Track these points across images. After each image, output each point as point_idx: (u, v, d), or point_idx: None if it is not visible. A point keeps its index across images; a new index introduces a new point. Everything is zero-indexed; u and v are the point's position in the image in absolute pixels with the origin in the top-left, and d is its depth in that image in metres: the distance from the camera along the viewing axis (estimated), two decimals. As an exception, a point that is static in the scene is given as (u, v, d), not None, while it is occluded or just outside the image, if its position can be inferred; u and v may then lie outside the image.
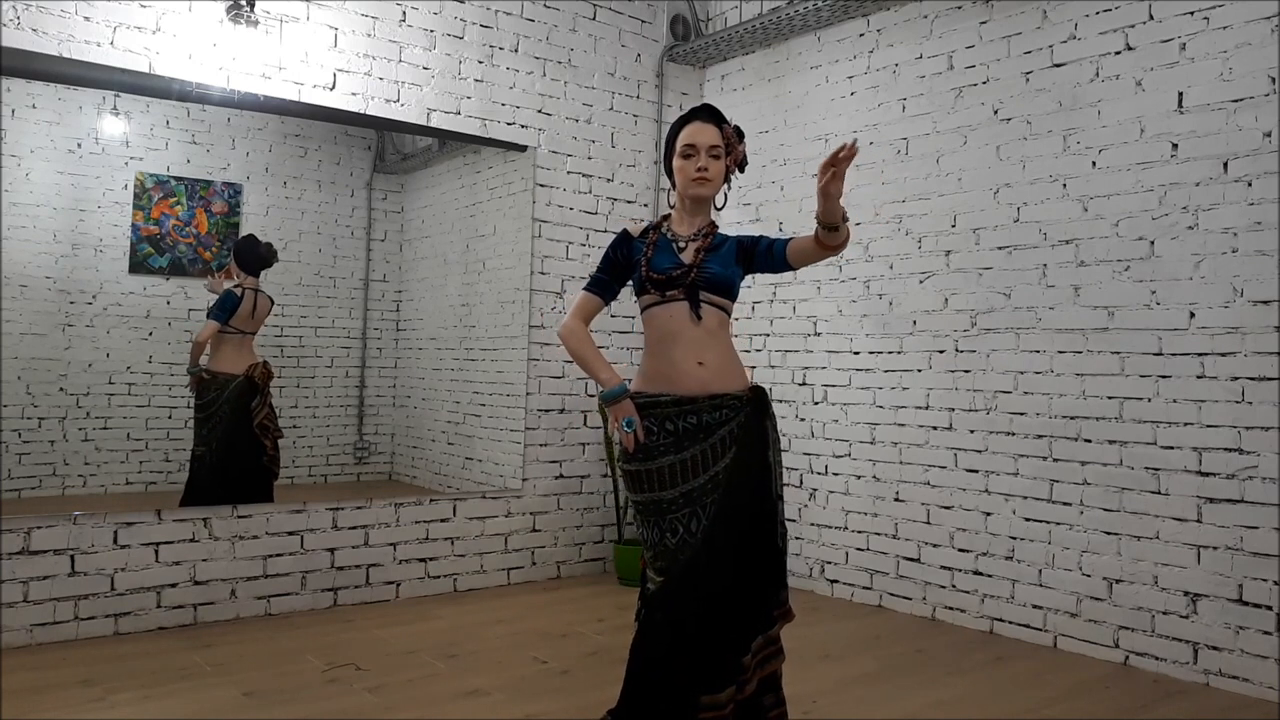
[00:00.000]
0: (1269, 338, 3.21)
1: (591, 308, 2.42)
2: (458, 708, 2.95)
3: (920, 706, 3.05)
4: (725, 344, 2.34)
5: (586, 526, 4.91)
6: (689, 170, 2.33)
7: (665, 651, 2.16)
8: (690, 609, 2.17)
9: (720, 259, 2.34)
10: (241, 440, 4.26)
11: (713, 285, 2.31)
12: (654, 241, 2.37)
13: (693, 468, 2.23)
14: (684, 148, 2.34)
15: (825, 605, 4.33)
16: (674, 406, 2.25)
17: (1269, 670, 3.16)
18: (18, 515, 3.51)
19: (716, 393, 2.26)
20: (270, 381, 4.35)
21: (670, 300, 2.30)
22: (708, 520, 2.20)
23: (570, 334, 2.39)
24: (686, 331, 2.29)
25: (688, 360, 2.27)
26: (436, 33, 4.41)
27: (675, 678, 2.14)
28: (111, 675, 3.16)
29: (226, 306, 4.27)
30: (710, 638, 2.16)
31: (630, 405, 2.26)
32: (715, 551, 2.20)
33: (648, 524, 2.26)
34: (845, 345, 4.50)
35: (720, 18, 5.15)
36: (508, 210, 4.87)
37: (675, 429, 2.24)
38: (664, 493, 2.23)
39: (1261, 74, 3.26)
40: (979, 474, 3.96)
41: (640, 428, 2.24)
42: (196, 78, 3.79)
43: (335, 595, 4.11)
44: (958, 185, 4.09)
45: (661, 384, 2.28)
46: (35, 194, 4.00)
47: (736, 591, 2.21)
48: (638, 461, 2.26)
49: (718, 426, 2.25)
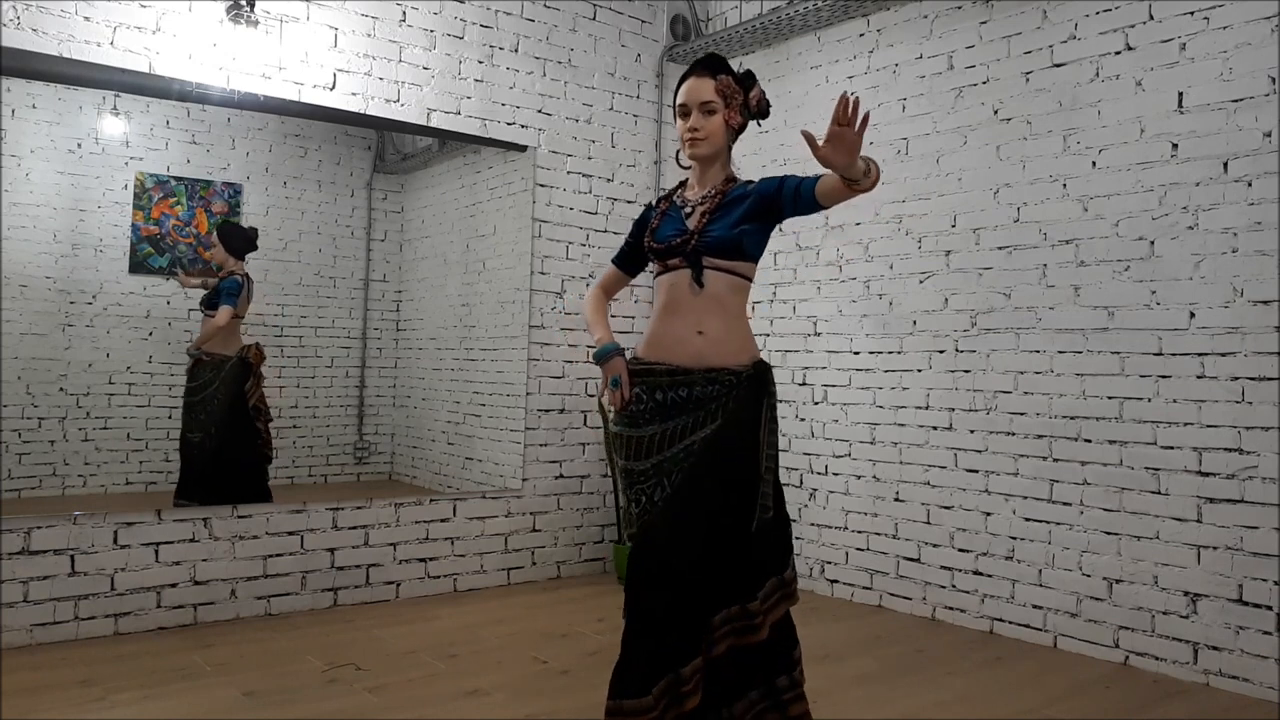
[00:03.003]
0: (1269, 338, 3.21)
1: (612, 278, 2.46)
2: (458, 708, 2.95)
3: (920, 706, 3.05)
4: (733, 313, 2.23)
5: (586, 526, 4.91)
6: (681, 131, 2.27)
7: (635, 613, 2.11)
8: (656, 578, 2.10)
9: (727, 219, 2.22)
10: (237, 422, 4.27)
11: (717, 249, 2.21)
12: (664, 210, 2.33)
13: (670, 439, 2.16)
14: (679, 107, 2.28)
15: (825, 605, 4.33)
16: (666, 376, 2.19)
17: (1269, 670, 3.16)
18: (18, 515, 3.51)
19: (713, 366, 2.17)
20: (262, 364, 4.35)
21: (674, 269, 2.24)
22: (670, 489, 2.14)
23: (586, 298, 2.44)
24: (687, 300, 2.21)
25: (686, 329, 2.20)
26: (436, 33, 4.41)
27: (648, 640, 2.07)
28: (111, 675, 3.16)
29: (234, 292, 4.28)
30: (679, 608, 2.07)
31: (620, 364, 2.23)
32: (677, 523, 2.11)
33: (623, 489, 2.26)
34: (845, 345, 4.50)
35: (720, 18, 5.15)
36: (508, 210, 4.87)
37: (664, 399, 2.18)
38: (637, 463, 2.18)
39: (1261, 74, 3.26)
40: (979, 474, 3.96)
41: (627, 386, 2.21)
42: (196, 78, 3.79)
43: (335, 595, 4.11)
44: (958, 185, 4.09)
45: (658, 352, 2.23)
46: (35, 194, 4.00)
47: (699, 565, 2.09)
48: (623, 426, 2.23)
49: (708, 401, 2.15)
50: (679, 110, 2.28)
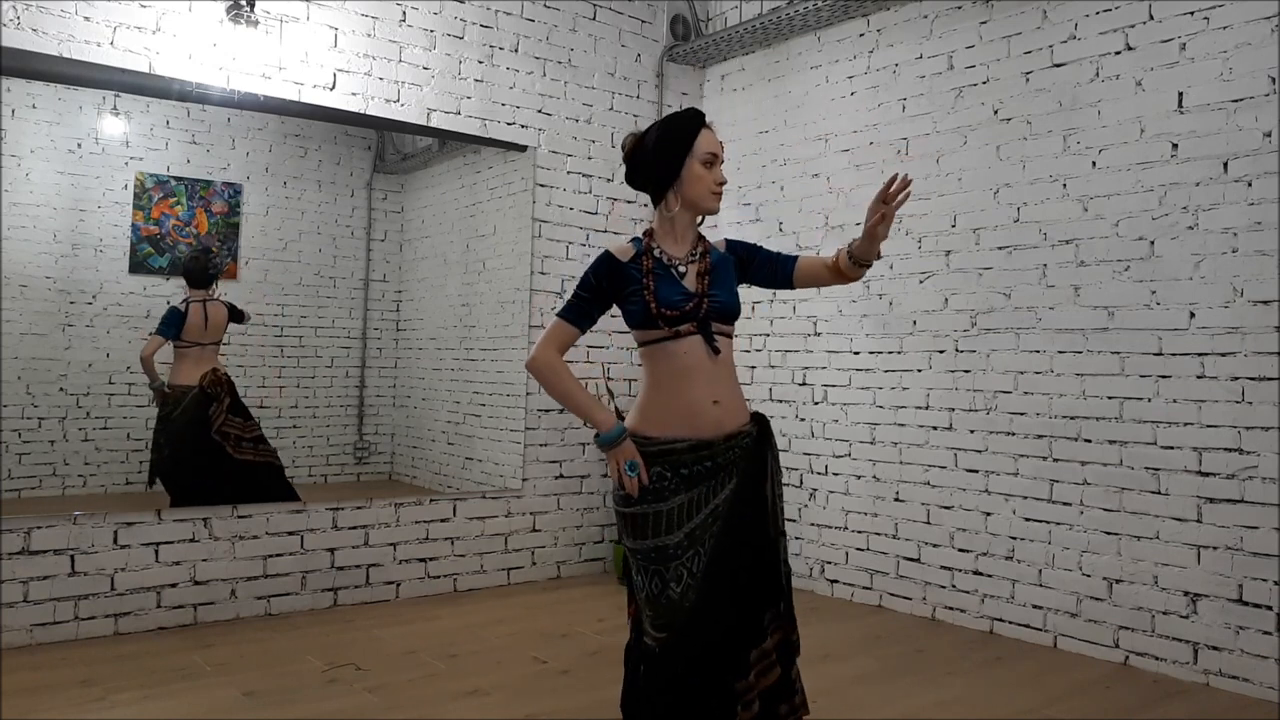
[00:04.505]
0: (1269, 338, 3.21)
1: (568, 339, 2.14)
2: (458, 708, 2.95)
3: (920, 706, 3.05)
4: (734, 374, 2.18)
5: (586, 526, 4.91)
6: (709, 181, 2.12)
7: (678, 708, 2.01)
8: (699, 663, 2.01)
9: (723, 283, 2.16)
10: (197, 446, 4.19)
11: (722, 315, 2.14)
12: (650, 269, 2.12)
13: (697, 505, 2.07)
14: (708, 155, 2.12)
15: (825, 605, 4.33)
16: (690, 453, 2.06)
17: (1269, 670, 3.16)
18: (18, 515, 3.51)
19: (731, 432, 2.10)
20: (224, 388, 4.27)
21: (683, 335, 2.09)
22: (707, 558, 2.04)
23: (546, 368, 2.11)
24: (703, 368, 2.09)
25: (702, 400, 2.08)
26: (436, 33, 4.41)
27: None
28: (111, 675, 3.16)
29: (172, 322, 4.21)
30: (718, 683, 2.02)
31: (632, 447, 2.06)
32: (716, 593, 2.04)
33: (646, 574, 2.05)
34: (845, 345, 4.50)
35: (720, 18, 5.15)
36: (508, 210, 4.87)
37: (689, 473, 2.06)
38: (669, 537, 2.04)
39: (1261, 74, 3.26)
40: (979, 474, 3.96)
41: (645, 471, 2.05)
42: (196, 78, 3.79)
43: (335, 595, 4.11)
44: (958, 185, 4.09)
45: (676, 427, 2.07)
46: (35, 194, 4.00)
47: (734, 631, 2.05)
48: (645, 504, 2.05)
49: (729, 465, 2.09)
50: (705, 158, 2.12)
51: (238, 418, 4.30)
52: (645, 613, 2.06)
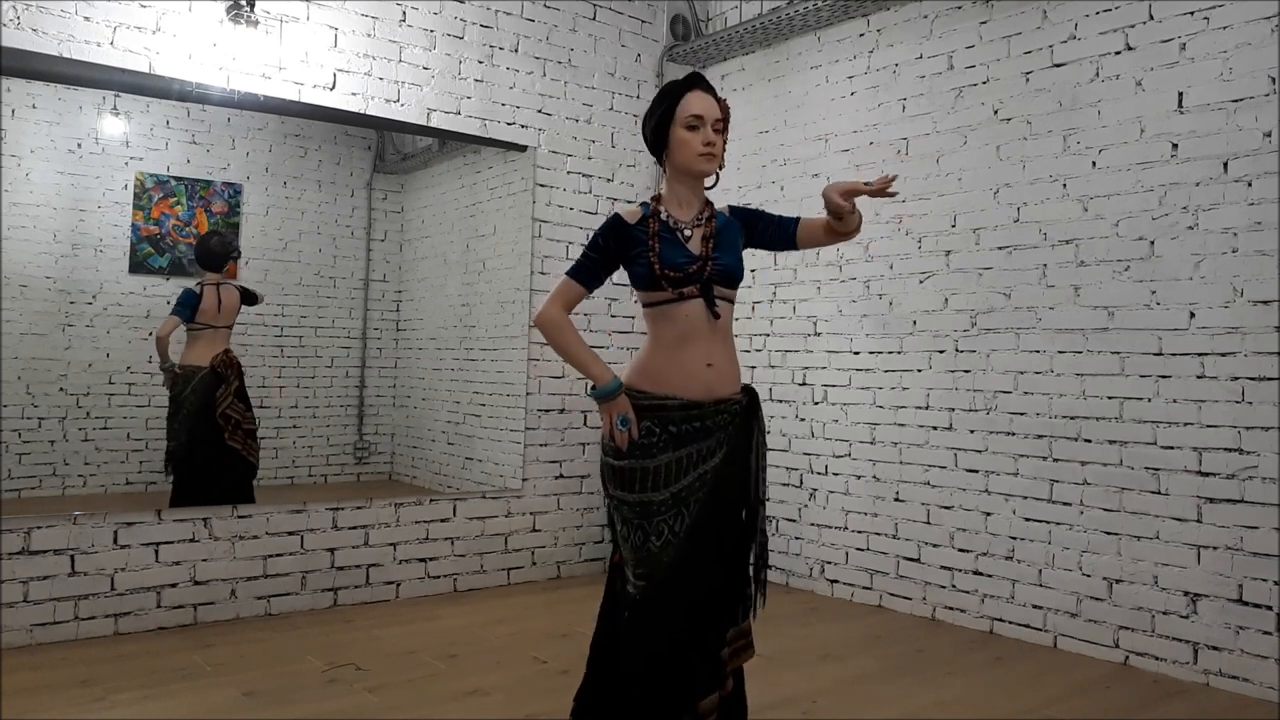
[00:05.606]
0: (1269, 338, 3.21)
1: (575, 296, 2.21)
2: (458, 708, 2.95)
3: (920, 706, 3.05)
4: (731, 340, 2.24)
5: (586, 526, 4.91)
6: (695, 144, 2.16)
7: (655, 659, 2.09)
8: (678, 616, 2.10)
9: (728, 247, 2.22)
10: (207, 430, 4.24)
11: (725, 279, 2.19)
12: (656, 231, 2.18)
13: (684, 467, 2.14)
14: (690, 118, 2.15)
15: (825, 605, 4.33)
16: (680, 411, 2.14)
17: (1269, 670, 3.16)
18: (18, 515, 3.51)
19: (722, 397, 2.18)
20: (234, 370, 4.31)
21: (686, 298, 2.16)
22: (691, 519, 2.12)
23: (551, 323, 2.19)
24: (702, 331, 2.16)
25: (696, 363, 2.15)
26: (436, 33, 4.41)
27: (667, 684, 2.08)
28: (111, 675, 3.16)
29: (187, 303, 4.26)
30: (697, 642, 2.11)
31: (626, 402, 2.14)
32: (699, 553, 2.13)
33: (630, 526, 2.14)
34: (845, 345, 4.50)
35: (720, 18, 5.15)
36: (508, 210, 4.87)
37: (678, 431, 2.14)
38: (654, 493, 2.12)
39: (1261, 74, 3.26)
40: (979, 474, 3.96)
41: (636, 425, 2.13)
42: (196, 78, 3.79)
43: (335, 595, 4.11)
44: (958, 185, 4.09)
45: (668, 386, 2.15)
46: (35, 194, 4.00)
47: (718, 594, 2.15)
48: (633, 459, 2.13)
49: (717, 430, 2.16)
50: (688, 121, 2.16)
51: (240, 403, 4.32)
52: (628, 559, 2.15)
